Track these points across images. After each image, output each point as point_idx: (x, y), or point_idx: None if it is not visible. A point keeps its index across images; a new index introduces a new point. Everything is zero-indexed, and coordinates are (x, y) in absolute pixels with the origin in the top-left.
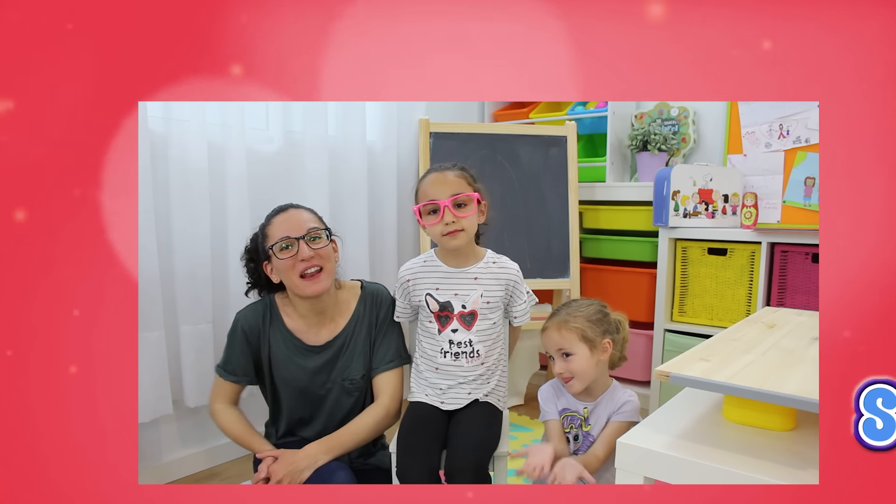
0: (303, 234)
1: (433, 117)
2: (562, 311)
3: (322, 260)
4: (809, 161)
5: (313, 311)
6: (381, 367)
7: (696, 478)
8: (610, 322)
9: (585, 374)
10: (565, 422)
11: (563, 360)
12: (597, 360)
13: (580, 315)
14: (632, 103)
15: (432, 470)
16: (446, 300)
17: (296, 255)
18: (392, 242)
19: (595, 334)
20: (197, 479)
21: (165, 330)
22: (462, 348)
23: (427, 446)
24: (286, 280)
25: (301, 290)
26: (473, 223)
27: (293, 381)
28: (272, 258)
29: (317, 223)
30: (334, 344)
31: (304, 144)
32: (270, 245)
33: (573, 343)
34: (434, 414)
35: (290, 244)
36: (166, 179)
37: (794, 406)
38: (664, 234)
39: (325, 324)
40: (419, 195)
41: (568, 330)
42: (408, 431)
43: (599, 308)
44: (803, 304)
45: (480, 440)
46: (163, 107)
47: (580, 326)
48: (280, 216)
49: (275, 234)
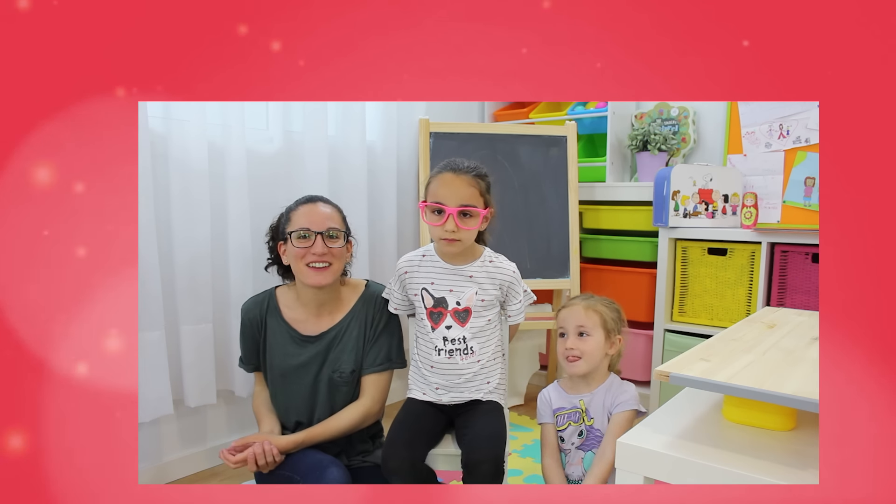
0: (322, 231)
1: (433, 117)
2: (587, 297)
3: (333, 258)
4: (809, 161)
5: (314, 300)
6: (369, 368)
7: (696, 478)
8: (623, 323)
9: (593, 358)
10: (561, 419)
11: (577, 338)
12: (606, 350)
13: (604, 306)
14: (632, 103)
15: (415, 461)
16: (441, 296)
17: (310, 248)
18: (392, 242)
19: (613, 326)
20: (197, 479)
21: (165, 330)
22: (456, 345)
23: (411, 438)
24: (293, 265)
25: (305, 277)
26: (473, 234)
27: (285, 369)
28: (287, 241)
29: (338, 223)
30: (327, 336)
31: (304, 145)
32: (290, 231)
33: (594, 325)
34: (428, 411)
35: (308, 235)
36: (166, 179)
37: (794, 406)
38: (664, 234)
39: (322, 316)
40: (429, 191)
41: (594, 311)
42: (397, 424)
43: (617, 308)
44: (803, 304)
45: (495, 433)
46: (163, 107)
47: (604, 314)
48: (307, 206)
49: (297, 222)
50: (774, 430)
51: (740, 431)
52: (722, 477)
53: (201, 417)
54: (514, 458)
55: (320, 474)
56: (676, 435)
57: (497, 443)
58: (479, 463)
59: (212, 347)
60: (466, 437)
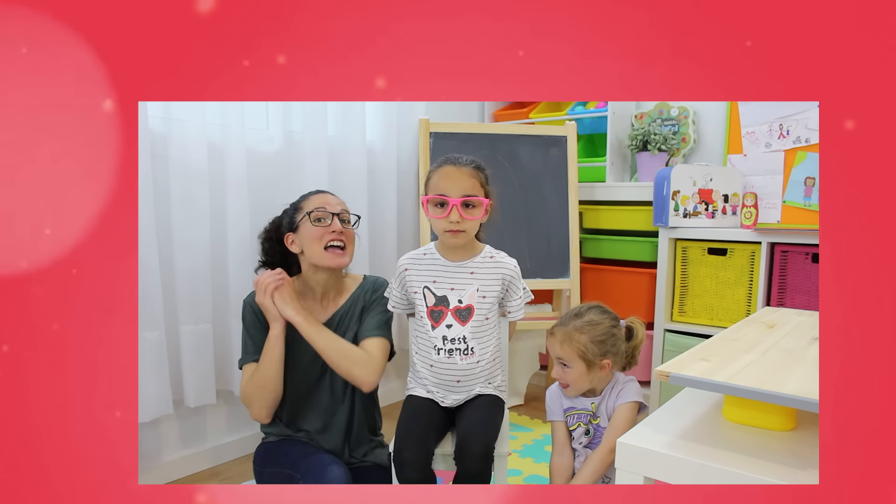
0: (337, 212)
1: (433, 117)
2: (570, 321)
3: (347, 240)
4: (809, 161)
5: (321, 285)
6: (367, 333)
7: (696, 478)
8: (615, 342)
9: (579, 386)
10: (571, 419)
11: (561, 368)
12: (593, 376)
13: (586, 333)
14: (632, 103)
15: (427, 453)
16: (443, 294)
17: (328, 227)
18: (392, 242)
19: (594, 356)
20: (197, 479)
21: (165, 330)
22: (456, 345)
23: (422, 431)
24: (309, 249)
25: (322, 259)
26: (476, 225)
27: (295, 360)
28: (300, 228)
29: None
30: (331, 322)
31: (303, 145)
32: (307, 212)
33: (572, 358)
34: (432, 407)
35: (325, 217)
36: (166, 179)
37: (794, 406)
38: (664, 234)
39: (325, 304)
40: (430, 185)
41: (570, 346)
42: (407, 417)
43: (609, 327)
44: (803, 304)
45: (488, 420)
46: (163, 107)
47: (582, 346)
48: (318, 195)
49: (312, 205)
50: (774, 430)
51: (740, 431)
52: (722, 477)
53: (201, 417)
54: (514, 458)
55: (321, 473)
56: (676, 435)
57: (489, 429)
58: (469, 445)
59: (211, 347)
60: (459, 429)
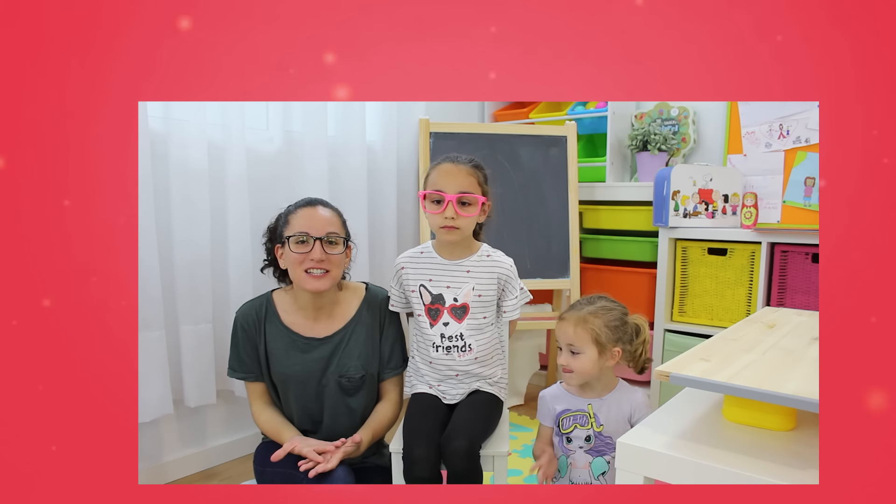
0: (321, 236)
1: (433, 117)
2: (584, 306)
3: (331, 264)
4: (809, 161)
5: (312, 304)
6: (390, 371)
7: (696, 478)
8: (626, 330)
9: (586, 374)
10: (567, 422)
11: (569, 355)
12: (603, 364)
13: (600, 317)
14: (632, 103)
15: (438, 451)
16: (438, 292)
17: (308, 253)
18: (391, 243)
19: (608, 340)
20: (197, 479)
21: (165, 330)
22: (454, 342)
23: (430, 428)
24: (290, 270)
25: (302, 283)
26: (472, 223)
27: (290, 374)
28: (285, 245)
29: (338, 228)
30: (332, 339)
31: (304, 145)
32: (288, 235)
33: (584, 343)
34: (437, 403)
35: (306, 240)
36: (166, 179)
37: (794, 406)
38: (664, 234)
39: (321, 319)
40: (428, 181)
41: (584, 329)
42: (412, 416)
43: (620, 315)
44: (803, 304)
45: (473, 420)
46: (163, 107)
47: (596, 329)
48: (306, 210)
49: (295, 226)
50: (774, 430)
51: (740, 431)
52: (722, 477)
53: (201, 417)
54: (515, 458)
55: (324, 473)
56: (676, 435)
57: (474, 426)
58: (450, 442)
59: (211, 347)
60: (448, 426)
